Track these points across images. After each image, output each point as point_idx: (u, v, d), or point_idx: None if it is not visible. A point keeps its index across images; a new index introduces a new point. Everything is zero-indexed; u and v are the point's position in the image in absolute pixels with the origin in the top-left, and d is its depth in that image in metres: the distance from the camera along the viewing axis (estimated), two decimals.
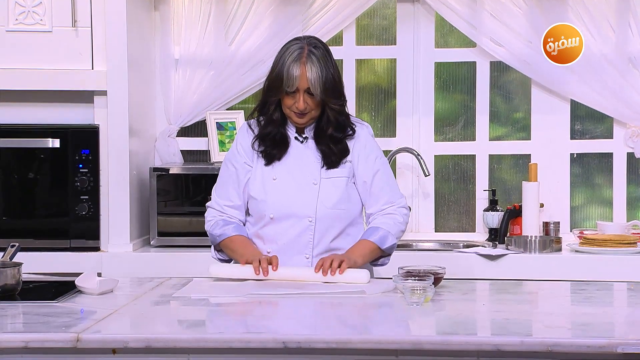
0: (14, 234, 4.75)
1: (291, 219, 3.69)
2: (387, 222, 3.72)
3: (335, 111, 3.68)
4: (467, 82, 5.31)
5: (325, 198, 3.69)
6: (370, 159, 3.75)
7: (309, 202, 3.69)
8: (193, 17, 5.19)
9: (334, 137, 3.70)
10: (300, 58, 3.60)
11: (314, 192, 3.69)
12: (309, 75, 3.59)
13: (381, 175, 3.76)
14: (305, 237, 3.70)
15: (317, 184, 3.69)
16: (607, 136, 5.24)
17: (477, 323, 3.17)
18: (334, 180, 3.71)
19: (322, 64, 3.61)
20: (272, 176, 3.71)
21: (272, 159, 3.72)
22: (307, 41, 3.66)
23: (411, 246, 5.17)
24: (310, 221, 3.69)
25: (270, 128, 3.71)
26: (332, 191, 3.70)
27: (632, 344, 2.77)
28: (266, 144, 3.72)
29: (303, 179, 3.70)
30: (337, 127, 3.70)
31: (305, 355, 2.85)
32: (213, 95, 5.19)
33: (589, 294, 3.51)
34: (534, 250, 4.80)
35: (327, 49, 3.69)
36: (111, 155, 4.80)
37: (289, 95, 3.63)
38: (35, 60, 4.81)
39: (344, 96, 3.72)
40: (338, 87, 3.67)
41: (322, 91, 3.61)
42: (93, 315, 3.14)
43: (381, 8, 5.30)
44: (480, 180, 5.29)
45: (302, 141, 3.73)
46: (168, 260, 4.75)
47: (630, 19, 5.05)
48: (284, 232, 3.70)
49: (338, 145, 3.71)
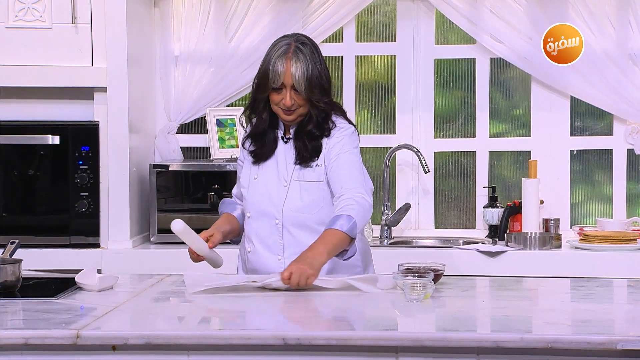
0: (14, 230, 4.75)
1: (262, 219, 3.70)
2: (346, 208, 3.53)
3: (319, 110, 3.63)
4: (467, 79, 5.31)
5: (291, 201, 3.66)
6: (337, 147, 3.64)
7: (277, 203, 3.68)
8: (193, 13, 5.19)
9: (311, 133, 3.66)
10: (286, 53, 3.59)
11: (282, 194, 3.68)
12: (293, 71, 3.57)
13: (343, 163, 3.63)
14: (274, 238, 3.69)
15: (287, 186, 3.68)
16: (607, 133, 5.24)
17: (477, 320, 3.17)
18: (303, 183, 3.67)
19: (308, 60, 3.59)
20: (254, 175, 3.73)
21: (260, 158, 3.72)
22: (294, 38, 3.65)
23: (411, 243, 5.16)
24: (277, 223, 3.68)
25: (260, 127, 3.71)
26: (299, 195, 3.67)
27: (632, 341, 2.77)
28: (257, 144, 3.73)
29: (276, 179, 3.70)
30: (317, 125, 3.66)
31: (305, 352, 2.85)
32: (213, 92, 5.19)
33: (589, 291, 3.51)
34: (534, 247, 4.80)
35: (316, 46, 3.68)
36: (111, 152, 4.81)
37: (275, 91, 3.61)
38: (35, 57, 4.81)
39: (330, 95, 3.67)
40: (324, 84, 3.63)
41: (307, 87, 3.58)
42: (93, 312, 3.14)
43: (381, 5, 5.30)
44: (480, 177, 5.29)
45: (286, 141, 3.72)
46: (168, 257, 4.75)
47: (630, 15, 5.04)
48: (258, 231, 3.71)
49: (312, 142, 3.66)
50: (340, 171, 3.64)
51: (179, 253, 4.74)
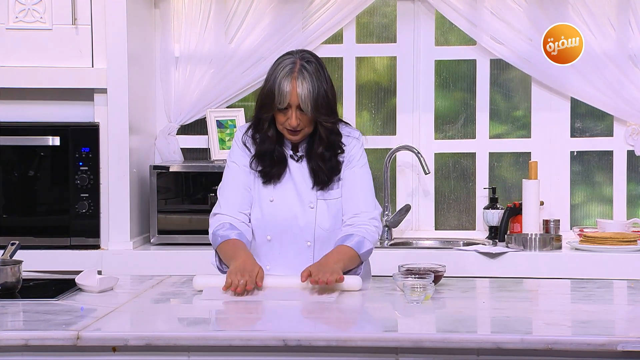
0: (14, 231, 4.76)
1: (289, 241, 3.64)
2: (360, 230, 3.60)
3: (327, 129, 3.57)
4: (467, 80, 5.31)
5: (322, 221, 3.63)
6: (351, 165, 3.65)
7: (307, 225, 3.62)
8: (193, 14, 5.20)
9: (324, 155, 3.61)
10: (291, 73, 3.50)
11: (311, 215, 3.63)
12: (299, 91, 3.48)
13: (356, 182, 3.64)
14: (304, 258, 3.63)
15: (314, 207, 3.63)
16: (608, 134, 5.24)
17: (478, 321, 3.17)
18: (329, 202, 3.64)
19: (314, 80, 3.50)
20: (269, 197, 3.63)
21: (271, 178, 3.63)
22: (299, 55, 3.55)
23: (411, 244, 5.17)
24: (309, 245, 3.64)
25: (267, 146, 3.61)
26: (328, 213, 3.63)
27: (632, 342, 2.77)
28: (265, 163, 3.63)
29: (300, 201, 3.63)
30: (328, 145, 3.60)
31: (305, 353, 2.85)
32: (213, 92, 5.19)
33: (589, 292, 3.51)
34: (534, 248, 4.80)
35: (321, 63, 3.59)
36: (111, 153, 4.81)
37: (281, 111, 3.53)
38: (35, 58, 4.81)
39: (337, 113, 3.62)
40: (330, 104, 3.55)
41: (313, 107, 3.50)
42: (93, 313, 3.14)
43: (381, 6, 5.30)
44: (481, 178, 5.29)
45: (298, 160, 3.65)
46: (168, 258, 4.75)
47: (630, 16, 5.05)
48: (282, 252, 3.65)
49: (327, 164, 3.61)
50: (355, 189, 3.64)
51: (179, 254, 4.75)
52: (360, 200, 3.64)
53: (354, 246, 3.55)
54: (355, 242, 3.56)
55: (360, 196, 3.64)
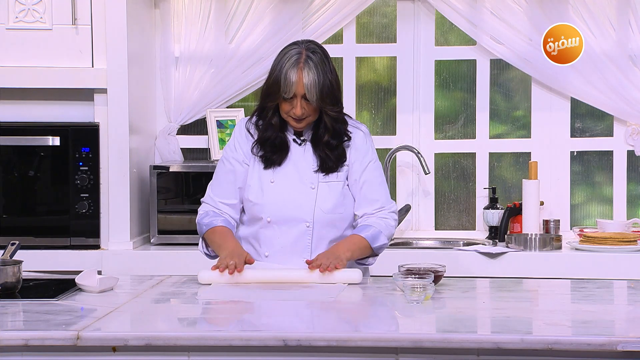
0: (14, 231, 4.76)
1: (289, 223, 3.67)
2: (379, 223, 3.70)
3: (332, 117, 3.64)
4: (467, 80, 5.31)
5: (322, 202, 3.67)
6: (364, 161, 3.72)
7: (307, 206, 3.67)
8: (193, 14, 5.19)
9: (330, 143, 3.67)
10: (297, 63, 3.56)
11: (311, 196, 3.67)
12: (305, 81, 3.55)
13: (374, 178, 3.73)
14: (303, 241, 3.68)
15: (315, 188, 3.68)
16: (608, 134, 5.24)
17: (478, 321, 3.17)
18: (331, 184, 3.69)
19: (319, 70, 3.57)
20: (270, 179, 3.68)
21: (272, 164, 3.69)
22: (305, 46, 3.62)
23: (411, 244, 5.17)
24: (307, 226, 3.68)
25: (270, 132, 3.67)
26: (329, 195, 3.68)
27: (632, 342, 2.77)
28: (266, 149, 3.69)
29: (301, 182, 3.68)
30: (334, 134, 3.67)
31: (305, 353, 2.85)
32: (213, 93, 5.19)
33: (589, 292, 3.51)
34: (534, 248, 4.80)
35: (326, 53, 3.65)
36: (111, 153, 4.81)
37: (286, 100, 3.59)
38: (35, 58, 4.81)
39: (341, 102, 3.68)
40: (335, 93, 3.62)
41: (319, 97, 3.57)
42: (93, 313, 3.14)
43: (381, 6, 5.30)
44: (481, 178, 5.29)
45: (300, 144, 3.71)
46: (168, 258, 4.75)
47: (630, 16, 5.05)
48: (282, 235, 3.68)
49: (334, 152, 3.68)
50: (374, 185, 3.74)
51: (179, 254, 4.75)
52: (382, 196, 3.74)
53: (367, 237, 3.66)
54: (370, 234, 3.67)
55: (380, 192, 3.75)
